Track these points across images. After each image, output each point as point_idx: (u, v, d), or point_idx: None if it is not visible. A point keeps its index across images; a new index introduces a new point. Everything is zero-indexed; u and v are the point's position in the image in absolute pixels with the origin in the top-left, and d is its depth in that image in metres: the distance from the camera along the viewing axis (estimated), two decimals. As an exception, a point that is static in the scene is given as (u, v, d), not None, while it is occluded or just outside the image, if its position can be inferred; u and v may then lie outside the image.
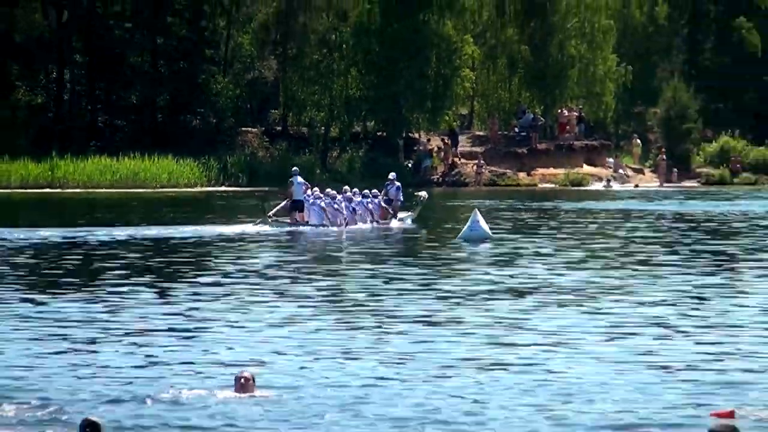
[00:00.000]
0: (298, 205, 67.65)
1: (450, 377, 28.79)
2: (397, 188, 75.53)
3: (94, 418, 20.89)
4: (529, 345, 33.23)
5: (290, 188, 69.37)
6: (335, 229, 67.22)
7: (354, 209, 70.36)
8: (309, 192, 70.04)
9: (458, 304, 42.02)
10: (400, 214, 72.92)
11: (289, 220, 68.10)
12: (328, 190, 72.21)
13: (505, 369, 30.01)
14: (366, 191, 74.11)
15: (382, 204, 72.67)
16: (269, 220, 67.93)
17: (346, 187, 73.32)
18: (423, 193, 76.87)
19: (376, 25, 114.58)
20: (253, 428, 23.73)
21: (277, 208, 69.51)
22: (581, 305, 41.49)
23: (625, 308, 41.45)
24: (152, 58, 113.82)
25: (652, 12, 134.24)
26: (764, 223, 76.85)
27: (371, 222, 70.57)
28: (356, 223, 69.42)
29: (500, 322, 37.46)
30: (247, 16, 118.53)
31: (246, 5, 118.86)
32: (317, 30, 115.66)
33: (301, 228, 67.36)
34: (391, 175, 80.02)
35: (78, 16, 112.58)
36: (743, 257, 58.82)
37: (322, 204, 68.21)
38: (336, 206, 68.96)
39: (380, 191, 74.04)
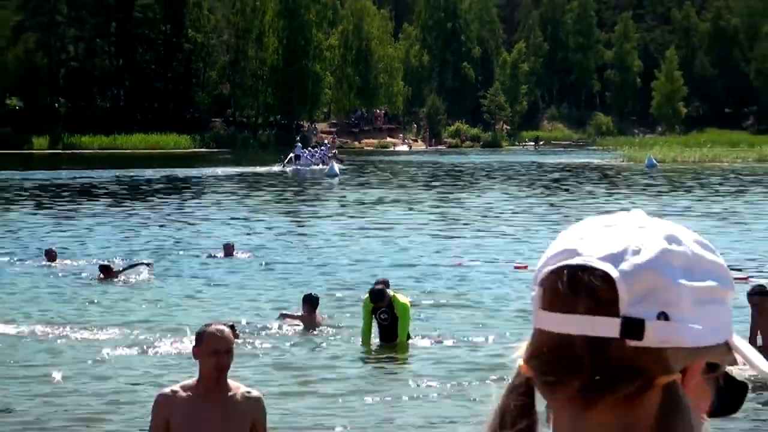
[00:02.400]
0: (298, 158, 70.44)
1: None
2: (327, 148, 79.29)
3: None
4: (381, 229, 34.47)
5: (294, 149, 72.29)
6: (315, 167, 68.39)
7: (321, 156, 72.63)
8: (305, 150, 73.91)
9: (332, 205, 43.16)
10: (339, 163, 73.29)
11: (293, 165, 69.72)
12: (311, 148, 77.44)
13: (373, 237, 31.35)
14: (322, 147, 78.72)
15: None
16: (284, 166, 69.52)
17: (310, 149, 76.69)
18: (335, 150, 79.80)
19: (281, 66, 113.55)
20: (234, 276, 24.10)
21: (287, 159, 70.61)
22: (392, 208, 42.62)
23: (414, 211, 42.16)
24: (165, 84, 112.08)
25: (421, 59, 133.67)
26: (478, 167, 77.29)
27: (323, 163, 70.77)
28: (320, 164, 70.55)
29: (354, 215, 38.74)
30: (214, 62, 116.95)
31: (213, 56, 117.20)
32: (252, 69, 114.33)
33: (299, 168, 68.98)
34: (325, 141, 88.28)
35: (129, 64, 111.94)
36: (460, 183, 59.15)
37: (307, 155, 71.53)
38: (315, 155, 72.09)
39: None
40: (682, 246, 1.39)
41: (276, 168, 69.38)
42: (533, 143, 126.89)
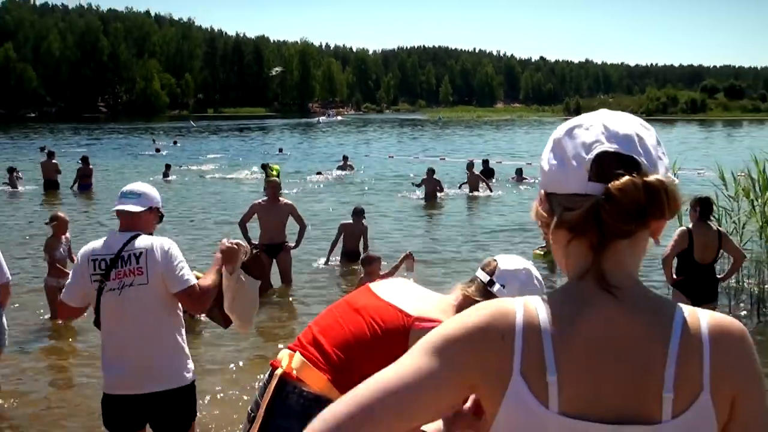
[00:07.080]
0: (329, 115, 58.37)
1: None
2: (334, 112, 69.60)
3: None
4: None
5: (326, 111, 63.55)
6: (332, 119, 54.98)
7: (333, 115, 62.43)
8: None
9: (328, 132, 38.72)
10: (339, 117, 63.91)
11: (325, 118, 57.81)
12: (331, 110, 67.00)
13: (337, 146, 27.45)
14: (332, 112, 66.95)
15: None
16: (325, 116, 59.04)
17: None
18: (337, 112, 70.77)
19: (299, 83, 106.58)
20: (281, 161, 20.67)
21: (323, 116, 61.03)
22: (345, 134, 38.43)
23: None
24: (256, 88, 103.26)
25: (353, 80, 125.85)
26: (377, 121, 70.38)
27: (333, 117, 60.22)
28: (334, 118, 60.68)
29: (332, 136, 35.43)
30: (274, 80, 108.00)
31: (275, 79, 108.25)
32: (289, 84, 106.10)
33: (322, 119, 55.38)
34: (333, 110, 75.54)
35: (241, 82, 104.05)
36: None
37: (331, 114, 60.16)
38: (331, 114, 60.94)
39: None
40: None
41: (318, 118, 59.49)
42: (396, 111, 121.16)
